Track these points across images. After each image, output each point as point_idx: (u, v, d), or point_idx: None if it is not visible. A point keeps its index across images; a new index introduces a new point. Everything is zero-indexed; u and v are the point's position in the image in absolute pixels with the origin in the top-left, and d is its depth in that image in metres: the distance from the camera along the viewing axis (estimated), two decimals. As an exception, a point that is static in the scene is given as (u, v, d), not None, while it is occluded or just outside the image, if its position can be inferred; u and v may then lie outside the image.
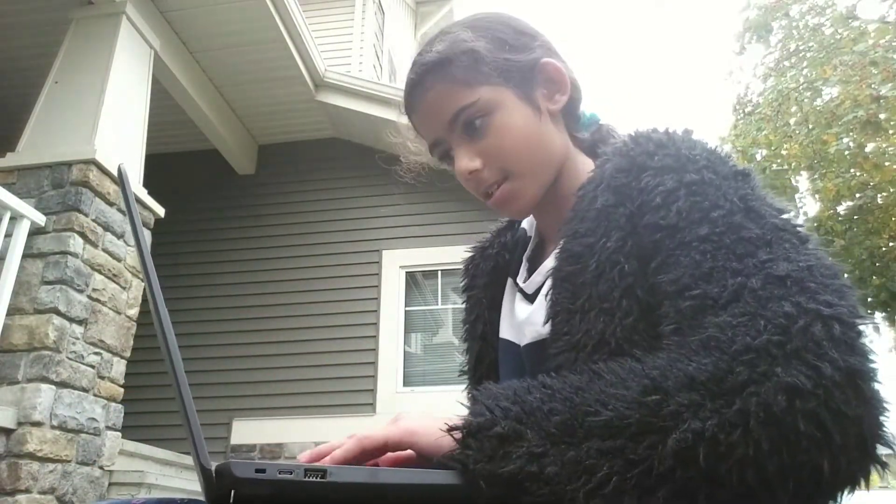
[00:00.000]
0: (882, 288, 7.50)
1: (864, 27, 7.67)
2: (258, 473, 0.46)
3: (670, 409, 0.45)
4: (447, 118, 0.72)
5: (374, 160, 5.07)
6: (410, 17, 8.62)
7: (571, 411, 0.48)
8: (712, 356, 0.46)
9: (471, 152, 0.72)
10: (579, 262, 0.62)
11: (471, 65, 0.71)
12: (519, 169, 0.72)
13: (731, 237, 0.53)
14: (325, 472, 0.47)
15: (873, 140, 6.90)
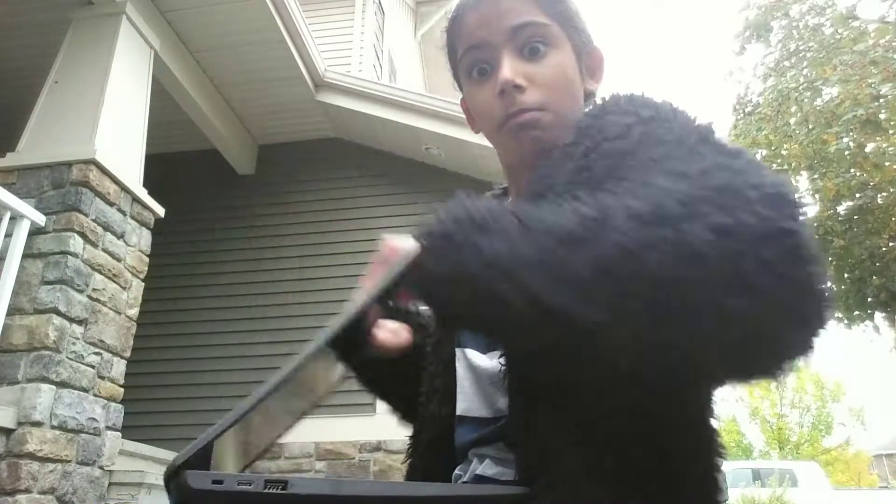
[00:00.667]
0: (882, 288, 7.50)
1: (864, 27, 7.67)
2: (215, 485, 0.44)
3: (605, 227, 0.46)
4: (513, 24, 0.72)
5: (374, 160, 5.08)
6: (410, 17, 8.62)
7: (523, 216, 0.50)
8: (652, 198, 0.47)
9: (521, 69, 0.71)
10: (539, 197, 0.62)
11: (558, 2, 0.74)
12: (556, 109, 0.72)
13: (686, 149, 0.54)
14: (286, 484, 0.45)
15: (873, 140, 6.90)
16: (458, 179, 4.80)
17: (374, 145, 5.02)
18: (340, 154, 5.06)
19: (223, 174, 4.98)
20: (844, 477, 27.41)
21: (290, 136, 5.05)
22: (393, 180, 4.92)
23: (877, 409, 56.40)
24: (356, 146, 5.04)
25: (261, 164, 5.13)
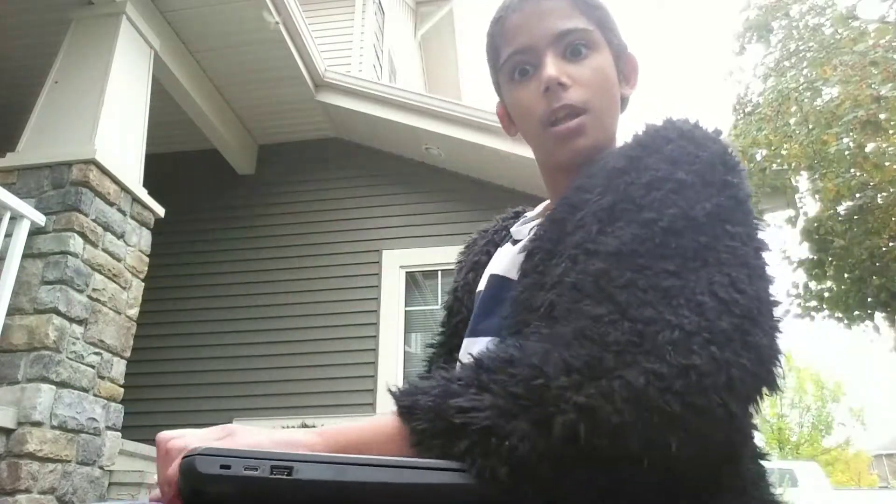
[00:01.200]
0: (882, 288, 7.50)
1: (864, 27, 7.67)
2: (223, 470, 0.45)
3: (552, 392, 0.50)
4: (557, 30, 0.75)
5: (374, 160, 5.08)
6: (410, 17, 8.62)
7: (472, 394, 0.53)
8: (585, 347, 0.52)
9: (565, 69, 0.74)
10: (573, 212, 0.67)
11: (594, 7, 0.77)
12: (599, 110, 0.75)
13: (661, 237, 0.58)
14: (290, 470, 0.46)
15: (873, 140, 6.89)
16: (458, 179, 4.80)
17: (374, 145, 5.02)
18: (340, 154, 5.06)
19: (223, 174, 4.98)
20: (844, 477, 27.41)
21: (290, 136, 5.05)
22: (393, 180, 4.92)
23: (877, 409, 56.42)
24: (356, 146, 5.04)
25: (261, 164, 5.13)
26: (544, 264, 0.66)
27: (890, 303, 7.56)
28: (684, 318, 0.52)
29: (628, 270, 0.57)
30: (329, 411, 4.27)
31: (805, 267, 8.17)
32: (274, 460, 0.46)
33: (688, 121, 0.69)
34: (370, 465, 0.49)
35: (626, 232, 0.60)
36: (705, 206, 0.60)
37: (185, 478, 0.46)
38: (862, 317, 8.06)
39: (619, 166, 0.67)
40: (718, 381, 0.50)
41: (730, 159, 0.65)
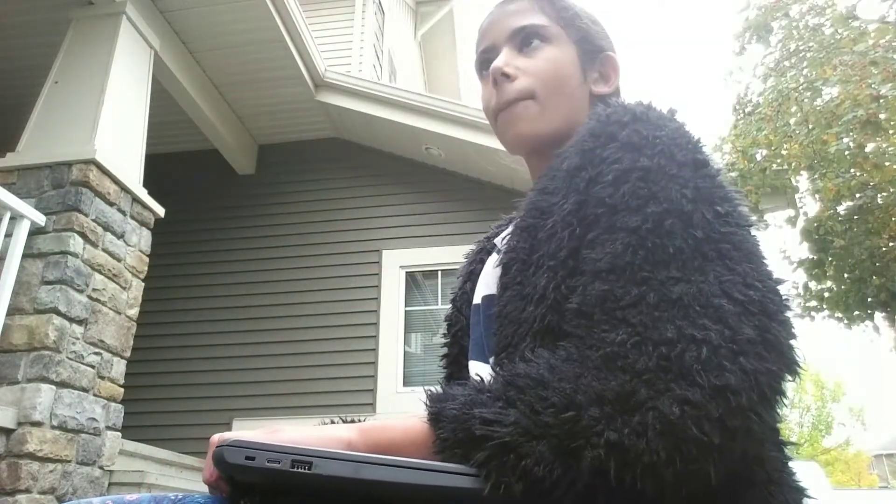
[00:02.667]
0: (882, 288, 7.50)
1: (864, 27, 7.67)
2: (248, 461, 0.48)
3: (583, 423, 0.49)
4: (513, 27, 0.79)
5: (374, 160, 5.08)
6: (410, 17, 8.62)
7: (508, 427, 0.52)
8: (616, 377, 0.51)
9: (513, 61, 0.77)
10: (542, 217, 0.65)
11: (559, 8, 0.80)
12: (542, 96, 0.76)
13: (653, 240, 0.56)
14: (310, 464, 0.48)
15: (873, 140, 6.89)
16: (458, 179, 4.80)
17: (374, 145, 5.02)
18: (340, 154, 5.06)
19: (223, 174, 4.98)
20: (844, 477, 27.41)
21: (290, 136, 5.05)
22: (393, 180, 4.92)
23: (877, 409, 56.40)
24: (356, 146, 5.04)
25: (261, 164, 5.13)
26: (522, 275, 0.64)
27: (890, 303, 7.56)
28: (708, 331, 0.50)
29: (632, 286, 0.54)
30: (329, 411, 4.26)
31: (805, 267, 8.17)
32: (295, 455, 0.48)
33: (640, 102, 0.68)
34: (386, 464, 0.50)
35: (614, 243, 0.57)
36: (686, 193, 0.58)
37: (217, 465, 0.50)
38: (862, 317, 8.07)
39: (575, 163, 0.65)
40: (752, 396, 0.49)
41: (690, 135, 0.64)
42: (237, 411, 4.36)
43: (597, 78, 0.81)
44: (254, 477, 0.48)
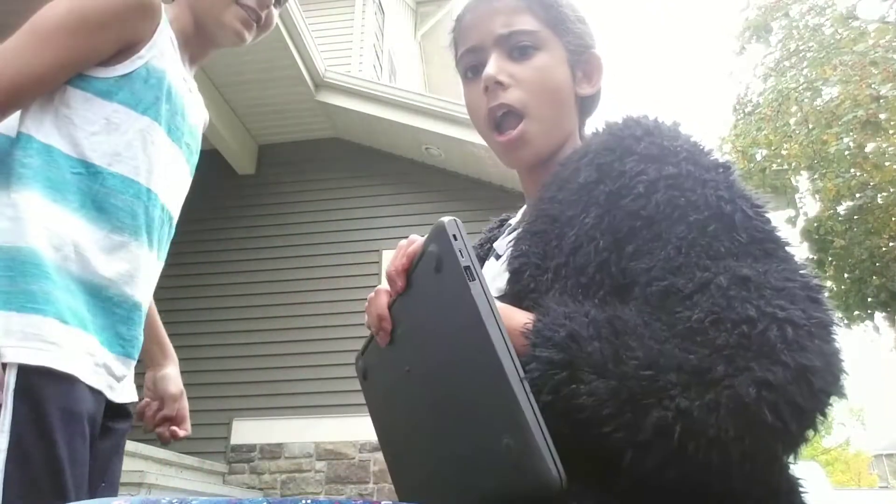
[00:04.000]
0: (882, 288, 7.50)
1: (864, 27, 7.67)
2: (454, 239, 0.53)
3: (659, 384, 0.50)
4: (503, 31, 0.75)
5: (374, 160, 5.08)
6: (410, 17, 8.62)
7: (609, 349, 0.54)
8: (695, 350, 0.51)
9: (506, 68, 0.74)
10: (555, 225, 0.65)
11: (549, 6, 0.76)
12: (539, 112, 0.75)
13: (704, 240, 0.57)
14: (474, 279, 0.50)
15: (873, 140, 6.90)
16: (458, 179, 4.80)
17: (374, 145, 5.02)
18: (340, 154, 5.06)
19: (223, 174, 4.98)
20: (844, 477, 27.44)
21: (290, 136, 5.06)
22: (393, 180, 4.92)
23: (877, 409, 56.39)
24: (356, 146, 5.04)
25: (261, 164, 5.13)
26: (536, 281, 0.64)
27: (890, 303, 7.56)
28: (788, 311, 0.51)
29: (696, 272, 0.55)
30: (329, 411, 4.27)
31: (805, 267, 8.17)
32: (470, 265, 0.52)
33: (647, 116, 0.68)
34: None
35: (665, 249, 0.57)
36: (722, 195, 0.58)
37: (434, 232, 0.55)
38: (862, 317, 8.07)
39: (592, 177, 0.64)
40: (828, 379, 0.49)
41: (702, 142, 0.65)
42: (237, 411, 4.36)
43: (581, 77, 0.79)
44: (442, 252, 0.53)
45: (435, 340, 0.57)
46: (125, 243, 0.87)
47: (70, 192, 0.84)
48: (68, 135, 0.86)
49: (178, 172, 0.99)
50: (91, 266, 0.84)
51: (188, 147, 1.01)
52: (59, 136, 0.85)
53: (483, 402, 0.51)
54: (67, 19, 0.88)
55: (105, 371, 0.85)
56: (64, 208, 0.83)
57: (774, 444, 0.49)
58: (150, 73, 0.91)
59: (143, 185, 0.90)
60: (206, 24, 0.99)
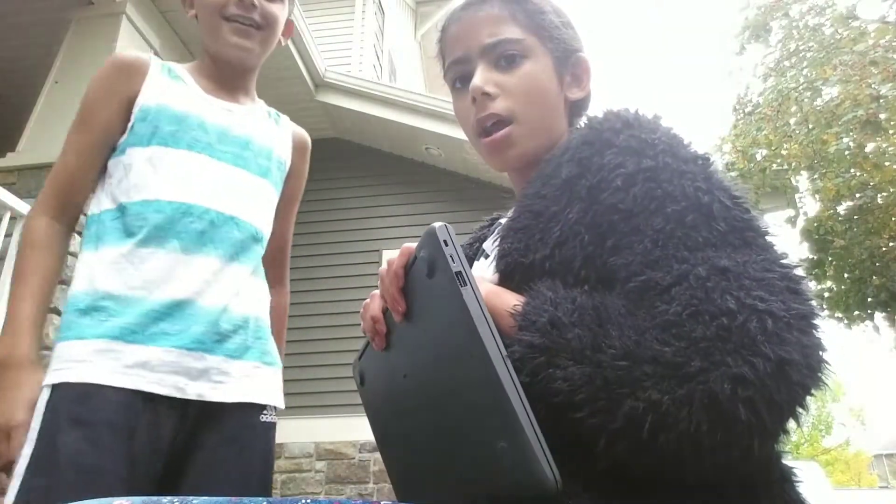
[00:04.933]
0: (882, 288, 7.50)
1: (864, 27, 7.67)
2: (444, 245, 0.53)
3: (634, 375, 0.50)
4: (488, 41, 0.76)
5: (374, 160, 5.08)
6: (410, 17, 8.63)
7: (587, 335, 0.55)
8: (674, 342, 0.51)
9: (492, 79, 0.75)
10: (539, 220, 0.65)
11: (533, 14, 0.77)
12: (526, 118, 0.76)
13: (681, 231, 0.57)
14: (465, 284, 0.52)
15: (873, 140, 6.90)
16: (458, 179, 4.80)
17: (374, 145, 5.02)
18: (340, 154, 5.06)
19: (223, 174, 4.97)
20: (844, 477, 27.44)
21: (290, 136, 5.05)
22: (393, 180, 4.92)
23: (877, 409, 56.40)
24: (356, 146, 5.05)
25: (261, 164, 5.12)
26: (520, 275, 0.64)
27: (890, 303, 7.57)
28: (768, 302, 0.50)
29: (673, 264, 0.55)
30: (329, 411, 4.27)
31: (805, 267, 8.17)
32: (461, 270, 0.53)
33: (627, 109, 0.68)
34: None
35: (642, 243, 0.57)
36: (699, 186, 0.58)
37: (425, 238, 0.54)
38: (862, 317, 8.07)
39: (573, 172, 0.65)
40: (805, 371, 0.49)
41: (681, 136, 0.65)
42: (237, 411, 4.36)
43: (570, 82, 0.79)
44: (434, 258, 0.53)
45: (429, 345, 0.57)
46: (153, 253, 0.98)
47: (108, 234, 1.00)
48: (109, 194, 1.03)
49: (222, 176, 1.06)
50: (118, 282, 0.96)
51: (232, 154, 1.09)
52: (105, 200, 1.03)
53: (477, 406, 0.51)
54: (77, 117, 1.07)
55: (142, 369, 0.92)
56: (102, 249, 1.00)
57: (749, 438, 0.49)
58: (145, 112, 1.03)
59: (164, 200, 1.00)
60: (216, 52, 1.11)
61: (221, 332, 1.00)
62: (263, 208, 1.12)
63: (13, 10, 3.70)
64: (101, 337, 0.92)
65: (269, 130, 1.20)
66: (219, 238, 1.02)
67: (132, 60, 1.07)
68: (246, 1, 1.07)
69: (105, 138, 1.04)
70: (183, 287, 0.97)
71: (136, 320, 0.94)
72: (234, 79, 1.15)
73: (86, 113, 1.05)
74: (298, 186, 1.28)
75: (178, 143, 1.03)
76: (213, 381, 0.98)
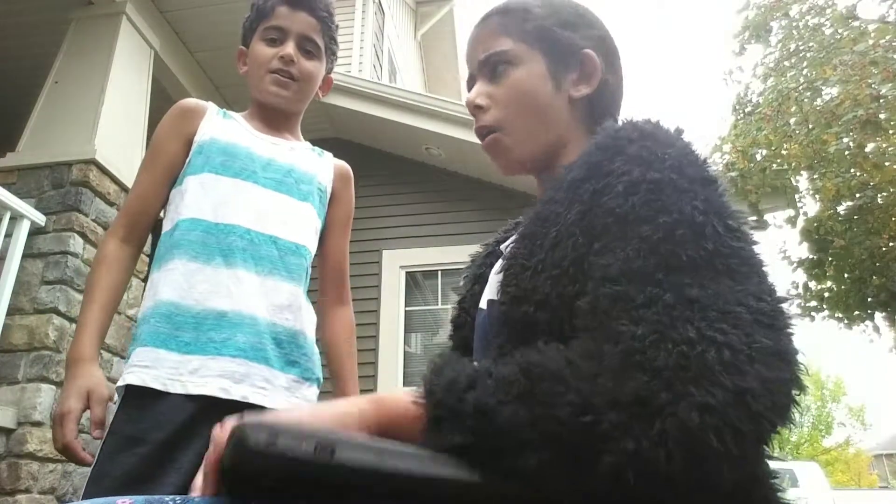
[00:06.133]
0: (882, 288, 7.49)
1: (864, 27, 7.67)
2: (269, 447, 0.45)
3: (602, 428, 0.48)
4: (481, 57, 0.81)
5: (374, 160, 5.08)
6: (410, 17, 8.62)
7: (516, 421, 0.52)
8: (634, 377, 0.50)
9: (484, 91, 0.81)
10: (544, 225, 0.66)
11: (519, 21, 0.80)
12: (512, 126, 0.79)
13: (666, 248, 0.56)
14: (333, 451, 0.46)
15: (873, 140, 6.89)
16: (458, 179, 4.80)
17: (374, 145, 5.02)
18: (340, 154, 5.01)
19: (223, 174, 4.97)
20: (844, 477, 27.42)
21: (290, 136, 5.05)
22: (393, 180, 4.92)
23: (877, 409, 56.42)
24: (356, 146, 5.04)
25: (261, 164, 5.12)
26: (518, 278, 0.65)
27: (890, 303, 7.56)
28: (728, 335, 0.50)
29: (647, 286, 0.54)
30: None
31: (805, 267, 8.17)
32: (319, 438, 0.46)
33: (648, 120, 0.68)
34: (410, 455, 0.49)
35: (625, 249, 0.57)
36: (697, 206, 0.58)
37: (234, 449, 0.46)
38: (862, 317, 8.06)
39: (580, 175, 0.65)
40: (767, 403, 0.49)
41: (698, 154, 0.64)
42: (237, 411, 4.35)
43: (576, 79, 0.80)
44: (275, 466, 0.45)
45: None
46: (201, 268, 1.10)
47: (167, 254, 1.13)
48: (170, 220, 1.18)
49: (264, 200, 1.20)
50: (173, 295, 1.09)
51: (275, 180, 1.24)
52: (167, 224, 1.18)
53: None
54: (146, 155, 1.25)
55: (190, 373, 1.05)
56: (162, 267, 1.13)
57: (718, 467, 0.48)
58: (201, 146, 1.21)
59: (211, 221, 1.14)
60: (260, 99, 1.32)
61: (264, 344, 1.11)
62: (305, 228, 1.26)
63: (13, 10, 3.70)
64: (160, 346, 1.06)
65: (312, 161, 1.38)
66: (259, 255, 1.15)
67: (193, 105, 1.29)
68: (286, 58, 1.27)
69: (169, 172, 1.21)
70: (228, 300, 1.09)
71: (188, 330, 1.07)
72: (278, 121, 1.34)
73: (153, 151, 1.23)
74: (346, 212, 1.45)
75: (226, 171, 1.18)
76: (255, 387, 1.09)
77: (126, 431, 1.01)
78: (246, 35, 1.41)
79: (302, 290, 1.23)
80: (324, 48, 1.33)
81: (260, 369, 1.09)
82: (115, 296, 1.15)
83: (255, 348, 1.09)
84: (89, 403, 1.03)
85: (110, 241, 1.18)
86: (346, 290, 1.42)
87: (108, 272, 1.15)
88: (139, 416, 1.02)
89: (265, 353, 1.11)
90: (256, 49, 1.32)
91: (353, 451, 0.47)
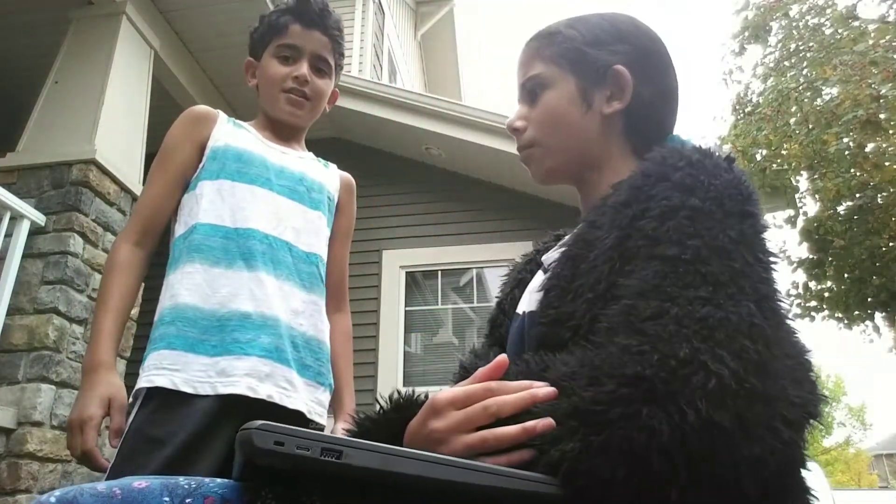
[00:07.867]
0: (882, 288, 7.50)
1: (864, 27, 7.67)
2: (276, 446, 0.47)
3: (555, 434, 0.51)
4: (521, 82, 0.87)
5: (374, 160, 5.08)
6: (410, 17, 8.62)
7: None
8: (601, 384, 0.51)
9: (522, 115, 0.86)
10: (587, 248, 0.67)
11: (550, 45, 0.84)
12: (543, 143, 0.84)
13: (686, 267, 0.56)
14: (340, 454, 0.48)
15: (873, 140, 6.90)
16: (458, 179, 4.80)
17: (374, 145, 5.02)
18: (340, 154, 5.04)
19: (223, 174, 4.97)
20: (844, 477, 27.43)
21: (290, 136, 5.04)
22: (393, 180, 4.91)
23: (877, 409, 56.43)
24: (356, 146, 5.04)
25: (261, 164, 5.12)
26: (560, 300, 0.66)
27: (890, 303, 7.56)
28: (723, 366, 0.49)
29: (656, 300, 0.54)
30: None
31: (805, 267, 8.17)
32: (325, 443, 0.48)
33: (697, 149, 0.67)
34: (415, 458, 0.50)
35: (646, 269, 0.58)
36: (730, 234, 0.57)
37: (241, 449, 0.49)
38: (862, 317, 8.07)
39: (622, 199, 0.66)
40: (733, 443, 0.48)
41: (745, 189, 0.63)
42: (237, 411, 4.35)
43: (609, 96, 0.81)
44: (280, 462, 0.48)
45: None
46: (223, 273, 1.12)
47: (184, 256, 1.14)
48: (184, 223, 1.18)
49: (279, 206, 1.22)
50: (196, 297, 1.11)
51: (288, 188, 1.26)
52: (181, 228, 1.19)
53: None
54: (157, 160, 1.24)
55: (218, 374, 1.06)
56: (180, 269, 1.15)
57: (664, 488, 0.48)
58: (214, 152, 1.22)
59: (230, 227, 1.16)
60: (273, 115, 1.32)
61: (285, 346, 1.13)
62: (317, 237, 1.28)
63: (13, 10, 3.69)
64: (188, 350, 1.07)
65: (320, 171, 1.40)
66: (277, 260, 1.17)
67: (205, 112, 1.30)
68: (300, 78, 1.27)
69: (181, 176, 1.22)
70: (252, 302, 1.11)
71: (214, 333, 1.08)
72: (287, 133, 1.35)
73: (165, 156, 1.23)
74: (349, 223, 1.51)
75: (242, 178, 1.20)
76: (279, 387, 1.10)
77: (149, 432, 1.02)
78: (255, 47, 1.36)
79: (316, 297, 1.24)
80: (333, 65, 1.35)
81: (282, 370, 1.11)
82: (129, 301, 1.17)
83: (278, 349, 1.11)
84: (110, 411, 1.04)
85: (123, 245, 1.18)
86: (345, 299, 1.43)
87: (122, 277, 1.16)
88: (164, 419, 1.02)
89: (286, 355, 1.13)
90: (270, 67, 1.30)
91: (358, 455, 0.48)
